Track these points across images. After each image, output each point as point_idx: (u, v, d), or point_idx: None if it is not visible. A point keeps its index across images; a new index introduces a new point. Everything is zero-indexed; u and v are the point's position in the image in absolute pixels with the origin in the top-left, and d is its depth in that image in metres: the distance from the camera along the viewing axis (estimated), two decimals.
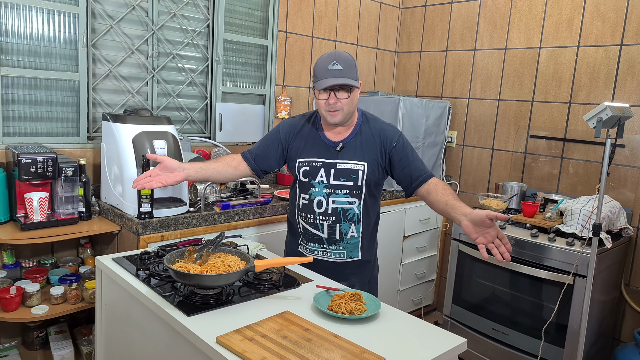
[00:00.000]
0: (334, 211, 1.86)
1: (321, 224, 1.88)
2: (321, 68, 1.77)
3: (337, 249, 1.90)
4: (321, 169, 1.86)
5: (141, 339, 1.58)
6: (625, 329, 2.89)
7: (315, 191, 1.87)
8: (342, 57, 1.77)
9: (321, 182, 1.86)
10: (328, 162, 1.86)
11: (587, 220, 2.52)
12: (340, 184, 1.85)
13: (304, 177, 1.89)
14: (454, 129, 3.65)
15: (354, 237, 1.89)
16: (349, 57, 1.79)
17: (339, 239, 1.88)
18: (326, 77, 1.75)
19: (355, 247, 1.91)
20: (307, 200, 1.89)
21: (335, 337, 1.28)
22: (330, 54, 1.79)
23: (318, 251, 1.91)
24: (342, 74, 1.75)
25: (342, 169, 1.85)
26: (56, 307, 2.16)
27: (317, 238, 1.90)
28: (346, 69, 1.76)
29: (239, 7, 3.06)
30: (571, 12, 3.01)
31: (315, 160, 1.87)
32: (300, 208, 1.93)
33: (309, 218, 1.90)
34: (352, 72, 1.77)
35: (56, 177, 2.17)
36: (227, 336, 1.25)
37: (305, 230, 1.93)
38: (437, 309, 3.78)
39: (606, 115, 2.15)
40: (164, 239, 2.16)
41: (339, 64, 1.75)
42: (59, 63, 2.44)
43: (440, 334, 1.39)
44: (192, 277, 1.43)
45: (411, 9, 3.91)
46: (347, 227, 1.87)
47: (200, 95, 3.01)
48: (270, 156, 1.95)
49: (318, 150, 1.88)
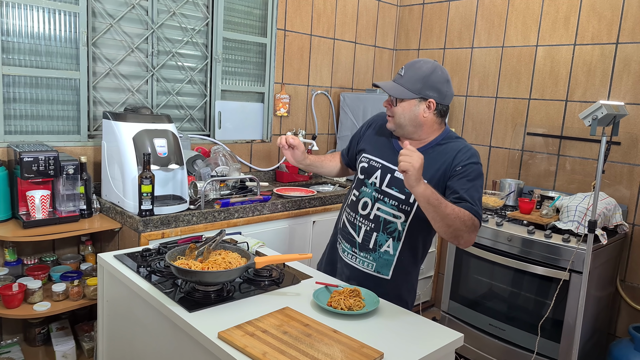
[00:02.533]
0: (376, 218, 1.75)
1: (359, 227, 1.79)
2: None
3: (367, 259, 1.78)
4: (378, 171, 1.76)
5: (143, 335, 1.60)
6: (620, 325, 2.92)
7: (365, 191, 1.78)
8: (412, 67, 1.67)
9: (374, 183, 1.76)
10: (387, 165, 1.74)
11: (583, 217, 2.55)
12: (390, 193, 1.72)
13: (360, 174, 1.82)
14: (452, 126, 3.67)
15: (388, 253, 1.75)
16: (423, 68, 1.65)
17: (371, 248, 1.77)
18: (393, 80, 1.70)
19: (387, 265, 1.76)
20: (356, 197, 1.82)
21: (335, 332, 1.30)
22: (414, 61, 1.70)
23: (349, 253, 1.83)
24: (399, 80, 1.67)
25: (398, 177, 1.70)
26: (58, 304, 2.18)
27: (351, 239, 1.82)
28: (407, 77, 1.65)
29: (238, 5, 3.07)
30: (568, 11, 3.03)
31: (376, 160, 1.78)
32: (348, 204, 1.87)
33: (351, 216, 1.83)
34: (413, 83, 1.64)
35: (57, 175, 2.19)
36: (229, 332, 1.27)
37: (344, 227, 1.86)
38: (435, 305, 3.81)
39: (601, 114, 2.18)
40: (164, 236, 2.18)
41: (405, 70, 1.67)
42: (59, 62, 2.46)
43: (438, 329, 1.42)
44: (194, 274, 1.45)
45: (409, 7, 3.92)
46: (384, 240, 1.75)
47: (199, 94, 3.03)
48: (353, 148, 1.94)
49: (383, 151, 1.78)
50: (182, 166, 2.34)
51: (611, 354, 2.62)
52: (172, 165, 2.28)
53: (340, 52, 3.65)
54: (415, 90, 1.65)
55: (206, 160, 2.67)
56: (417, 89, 1.65)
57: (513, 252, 2.68)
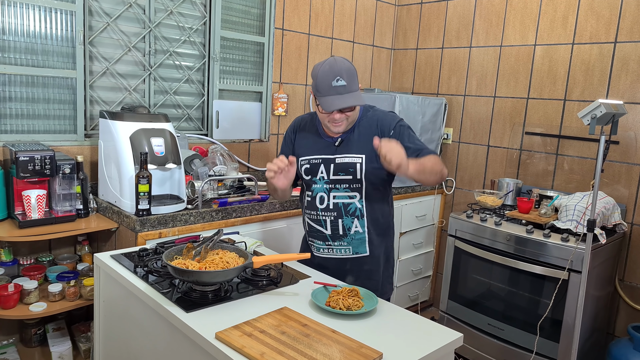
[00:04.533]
0: (335, 206, 1.85)
1: (324, 220, 1.88)
2: (324, 83, 1.69)
3: (342, 245, 1.88)
4: (321, 166, 1.86)
5: (140, 336, 1.59)
6: (619, 324, 2.92)
7: (317, 187, 1.88)
8: (344, 70, 1.69)
9: (322, 178, 1.86)
10: (327, 157, 1.85)
11: (582, 216, 2.55)
12: (339, 179, 1.84)
13: (306, 175, 1.90)
14: (450, 125, 3.67)
15: (359, 232, 1.87)
16: (350, 67, 1.72)
17: (342, 234, 1.87)
18: (330, 94, 1.69)
19: (362, 243, 1.88)
20: (310, 197, 1.90)
21: (333, 332, 1.29)
22: (332, 65, 1.70)
23: (323, 248, 1.91)
24: (346, 89, 1.69)
25: (340, 163, 1.83)
26: (54, 304, 2.17)
27: (321, 235, 1.90)
28: (350, 82, 1.70)
29: (236, 4, 3.06)
30: (566, 10, 3.03)
31: (315, 158, 1.88)
32: (305, 205, 1.95)
33: (313, 215, 1.91)
34: (355, 83, 1.72)
35: (54, 174, 2.18)
36: (226, 332, 1.26)
37: (311, 228, 1.94)
38: (434, 304, 3.81)
39: (600, 112, 2.17)
40: (161, 236, 2.16)
41: (343, 78, 1.68)
42: (56, 61, 2.44)
43: (437, 329, 1.41)
44: (191, 274, 1.44)
45: (407, 6, 3.92)
46: (350, 222, 1.86)
47: (197, 93, 3.02)
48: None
49: (318, 147, 1.88)
50: (179, 165, 2.33)
51: (610, 353, 2.61)
52: (169, 165, 2.27)
53: (338, 51, 3.64)
54: (357, 87, 1.74)
55: (204, 160, 2.66)
56: (357, 85, 1.74)
57: (512, 252, 2.68)
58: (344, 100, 1.69)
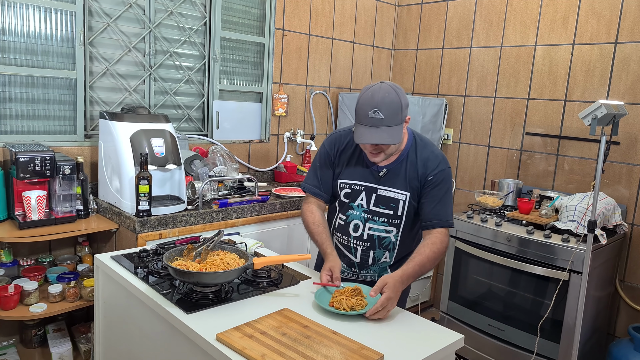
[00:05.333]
0: (370, 237, 1.79)
1: (355, 249, 1.82)
2: (361, 111, 1.61)
3: (368, 273, 1.85)
4: (362, 193, 1.78)
5: (140, 337, 1.59)
6: (620, 325, 2.91)
7: (354, 214, 1.80)
8: (385, 103, 1.58)
9: (361, 205, 1.78)
10: (370, 186, 1.77)
11: (582, 216, 2.54)
12: (379, 211, 1.77)
13: (344, 198, 1.82)
14: (451, 126, 3.66)
15: (387, 262, 1.84)
16: (394, 100, 1.59)
17: (371, 264, 1.83)
18: (364, 123, 1.60)
19: (386, 270, 1.86)
20: (344, 221, 1.83)
21: (334, 333, 1.29)
22: (374, 94, 1.59)
23: (348, 272, 1.88)
24: (382, 122, 1.58)
25: (383, 195, 1.76)
26: (54, 305, 2.16)
27: (347, 260, 1.85)
28: (388, 116, 1.59)
29: (236, 4, 3.06)
30: (566, 10, 3.03)
31: (357, 184, 1.79)
32: (336, 227, 1.88)
33: (344, 239, 1.85)
34: (396, 117, 1.60)
35: (54, 175, 2.17)
36: (227, 333, 1.26)
37: (338, 250, 1.87)
38: (434, 305, 3.80)
39: (601, 113, 2.17)
40: (162, 237, 2.16)
41: (380, 111, 1.58)
42: (56, 61, 2.44)
43: (438, 330, 1.41)
44: (192, 275, 1.44)
45: (407, 6, 3.91)
46: (381, 254, 1.82)
47: (197, 93, 3.01)
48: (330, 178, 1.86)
49: (361, 173, 1.79)
50: (179, 166, 2.33)
51: (611, 354, 2.61)
52: (169, 166, 2.26)
53: (339, 52, 3.64)
54: (400, 122, 1.62)
55: (204, 161, 2.65)
56: (399, 120, 1.62)
57: (512, 252, 2.67)
58: (375, 135, 1.60)
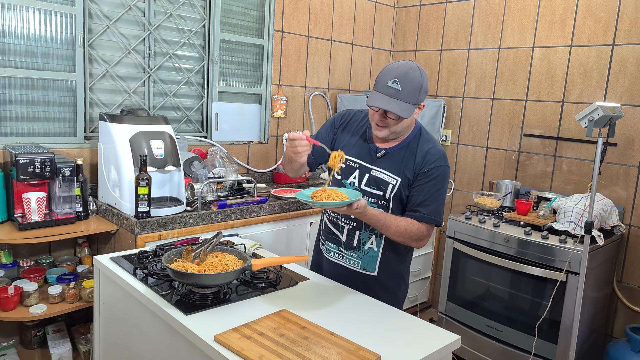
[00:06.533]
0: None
1: (342, 226, 1.82)
2: (382, 78, 1.63)
3: (353, 257, 1.82)
4: (356, 171, 1.78)
5: (139, 338, 1.60)
6: (617, 325, 2.92)
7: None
8: (407, 77, 1.59)
9: (352, 183, 1.78)
10: (365, 165, 1.77)
11: (580, 218, 2.56)
12: (369, 191, 1.76)
13: (337, 174, 1.82)
14: (449, 127, 3.68)
15: (372, 250, 1.79)
16: (416, 78, 1.61)
17: (355, 246, 1.81)
18: (380, 91, 1.61)
19: (372, 261, 1.80)
20: None
21: (332, 334, 1.30)
22: (399, 66, 1.61)
23: (334, 252, 1.87)
24: (398, 94, 1.59)
25: (375, 176, 1.75)
26: (54, 306, 2.17)
27: (335, 239, 1.85)
28: (406, 91, 1.59)
29: (235, 6, 3.07)
30: (564, 13, 3.04)
31: (353, 161, 1.79)
32: None
33: (332, 216, 1.86)
34: (413, 95, 1.61)
35: (54, 177, 2.18)
36: (225, 334, 1.27)
37: (327, 228, 1.89)
38: (432, 306, 3.81)
39: (598, 115, 2.18)
40: (161, 238, 2.17)
41: (400, 83, 1.59)
42: (55, 63, 2.45)
43: (435, 331, 1.42)
44: (190, 276, 1.45)
45: (406, 8, 3.93)
46: (367, 237, 1.79)
47: (196, 95, 3.02)
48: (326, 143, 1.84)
49: (360, 151, 1.79)
50: (179, 168, 2.34)
51: (608, 354, 2.62)
52: (168, 167, 2.28)
53: (338, 53, 3.65)
54: (415, 102, 1.63)
55: (203, 162, 2.67)
56: (415, 100, 1.63)
57: (510, 253, 2.68)
58: (388, 103, 1.60)
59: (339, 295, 1.62)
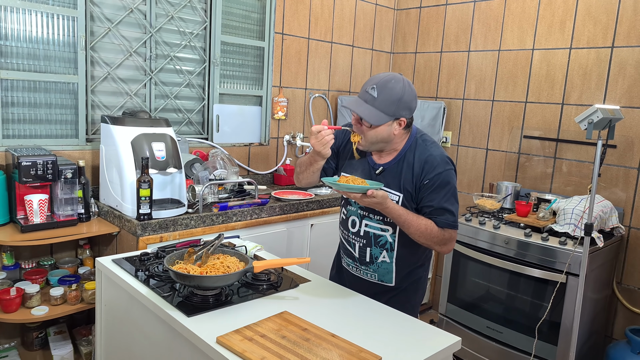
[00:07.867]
0: (366, 234, 1.79)
1: (353, 243, 1.84)
2: (365, 85, 1.64)
3: (368, 270, 1.84)
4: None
5: (141, 340, 1.60)
6: (617, 327, 2.93)
7: (352, 210, 1.82)
8: (386, 86, 1.59)
9: (356, 202, 1.73)
10: None
11: (580, 219, 2.56)
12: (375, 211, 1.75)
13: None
14: (449, 129, 3.69)
15: (386, 263, 1.79)
16: (396, 89, 1.59)
17: (369, 261, 1.82)
18: (360, 96, 1.63)
19: (388, 273, 1.80)
20: (345, 217, 1.86)
21: (333, 336, 1.31)
22: (383, 77, 1.61)
23: (352, 266, 1.90)
24: (373, 102, 1.60)
25: None
26: (56, 308, 2.18)
27: (350, 254, 1.88)
28: (381, 99, 1.58)
29: (236, 9, 3.08)
30: (563, 15, 3.05)
31: None
32: (340, 221, 1.92)
33: (345, 234, 1.89)
34: (388, 106, 1.59)
35: (56, 179, 2.19)
36: (227, 336, 1.27)
37: (342, 244, 1.94)
38: (433, 307, 3.82)
39: (597, 117, 2.19)
40: (162, 240, 2.18)
41: (377, 90, 1.59)
42: (57, 66, 2.46)
43: (436, 333, 1.43)
44: (192, 278, 1.45)
45: (406, 10, 3.94)
46: (378, 252, 1.79)
47: (197, 97, 3.03)
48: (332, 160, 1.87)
49: (358, 167, 1.79)
50: (180, 170, 2.35)
51: (608, 356, 2.63)
52: (170, 169, 2.28)
53: (338, 55, 3.66)
54: (390, 113, 1.61)
55: (204, 164, 2.67)
56: (391, 112, 1.61)
57: (510, 255, 2.69)
58: (360, 106, 1.61)
59: (340, 297, 1.62)
